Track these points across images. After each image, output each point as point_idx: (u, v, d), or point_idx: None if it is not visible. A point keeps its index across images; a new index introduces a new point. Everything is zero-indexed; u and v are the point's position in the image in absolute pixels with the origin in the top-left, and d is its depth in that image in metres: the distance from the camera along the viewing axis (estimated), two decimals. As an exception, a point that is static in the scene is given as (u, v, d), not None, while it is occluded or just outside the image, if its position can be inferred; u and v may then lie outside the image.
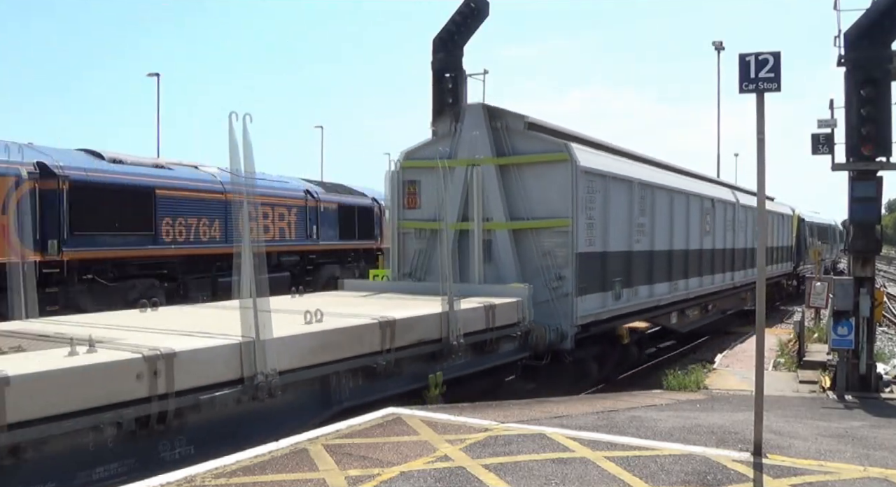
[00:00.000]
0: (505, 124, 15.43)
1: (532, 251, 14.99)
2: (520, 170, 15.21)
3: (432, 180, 14.82)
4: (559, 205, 14.77)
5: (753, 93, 8.26)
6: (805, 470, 7.46)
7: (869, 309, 13.94)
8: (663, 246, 18.85)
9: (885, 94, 13.65)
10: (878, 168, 13.85)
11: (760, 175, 8.38)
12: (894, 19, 13.52)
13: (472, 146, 15.39)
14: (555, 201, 14.82)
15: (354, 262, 28.55)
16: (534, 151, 15.12)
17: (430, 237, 16.06)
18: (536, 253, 14.91)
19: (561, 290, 14.58)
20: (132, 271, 19.46)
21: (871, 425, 10.65)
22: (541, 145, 15.15)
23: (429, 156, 15.77)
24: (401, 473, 6.89)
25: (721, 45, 45.99)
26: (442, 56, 20.82)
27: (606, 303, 15.99)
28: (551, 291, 14.58)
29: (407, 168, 16.48)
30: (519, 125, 15.41)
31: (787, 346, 19.83)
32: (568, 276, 14.62)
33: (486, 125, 15.43)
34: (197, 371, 7.62)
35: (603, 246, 15.73)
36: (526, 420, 9.33)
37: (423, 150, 16.41)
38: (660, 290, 18.80)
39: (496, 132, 15.44)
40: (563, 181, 14.74)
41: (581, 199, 14.79)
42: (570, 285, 14.58)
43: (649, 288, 18.16)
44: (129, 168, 19.92)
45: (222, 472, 6.79)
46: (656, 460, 7.59)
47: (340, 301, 12.43)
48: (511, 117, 15.48)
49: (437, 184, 13.84)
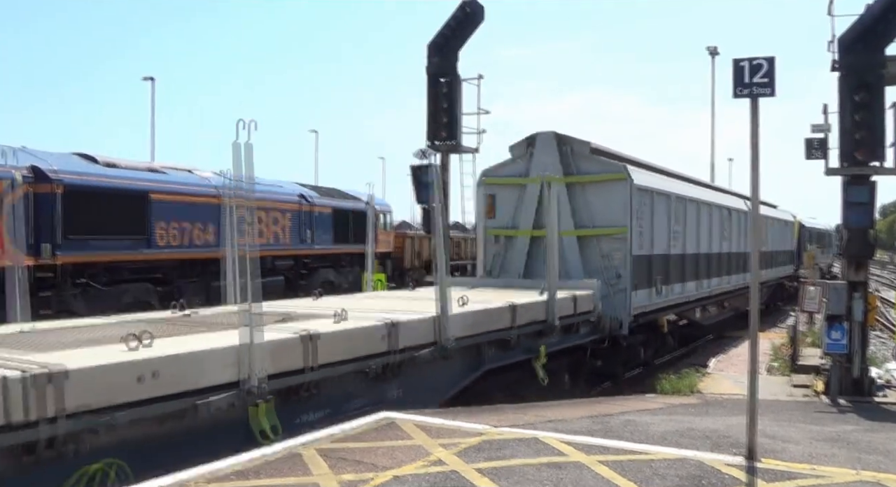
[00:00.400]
0: (571, 148, 18.22)
1: (594, 253, 17.79)
2: (583, 187, 18.03)
3: (506, 195, 18.48)
4: (618, 215, 17.59)
5: (748, 99, 8.29)
6: (798, 474, 7.47)
7: (862, 314, 13.99)
8: (692, 249, 21.84)
9: (878, 100, 13.69)
10: (872, 173, 13.89)
11: (754, 179, 8.40)
12: (888, 25, 13.57)
13: (543, 167, 17.73)
14: (614, 212, 17.61)
15: (349, 266, 28.56)
16: (596, 171, 17.97)
17: (504, 242, 18.83)
18: (597, 256, 17.73)
19: (619, 286, 17.36)
20: (126, 275, 19.46)
21: (864, 429, 10.68)
22: (603, 167, 18.05)
23: (505, 174, 18.81)
24: (394, 477, 6.89)
25: (716, 50, 46.19)
26: (437, 61, 20.87)
27: (651, 298, 18.71)
28: (610, 287, 17.29)
29: (487, 184, 19.05)
30: (584, 150, 18.27)
31: (781, 350, 19.89)
32: (624, 275, 17.44)
33: (556, 149, 18.16)
34: (409, 335, 10.70)
35: (650, 249, 18.62)
36: (520, 425, 9.32)
37: (499, 169, 19.09)
38: (689, 288, 21.76)
39: (564, 155, 18.13)
40: (621, 196, 17.55)
41: (635, 211, 17.63)
42: (626, 282, 17.39)
43: (682, 285, 21.06)
44: (123, 172, 19.92)
45: (215, 476, 6.78)
46: (650, 464, 7.59)
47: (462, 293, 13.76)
48: (577, 143, 18.27)
49: (512, 198, 18.26)
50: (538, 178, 17.57)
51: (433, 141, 21.28)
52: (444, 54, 21.01)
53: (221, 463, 7.09)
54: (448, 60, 21.07)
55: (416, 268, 35.45)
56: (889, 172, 13.96)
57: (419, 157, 21.84)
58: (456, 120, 21.21)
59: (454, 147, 21.45)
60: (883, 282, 57.91)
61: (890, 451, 8.91)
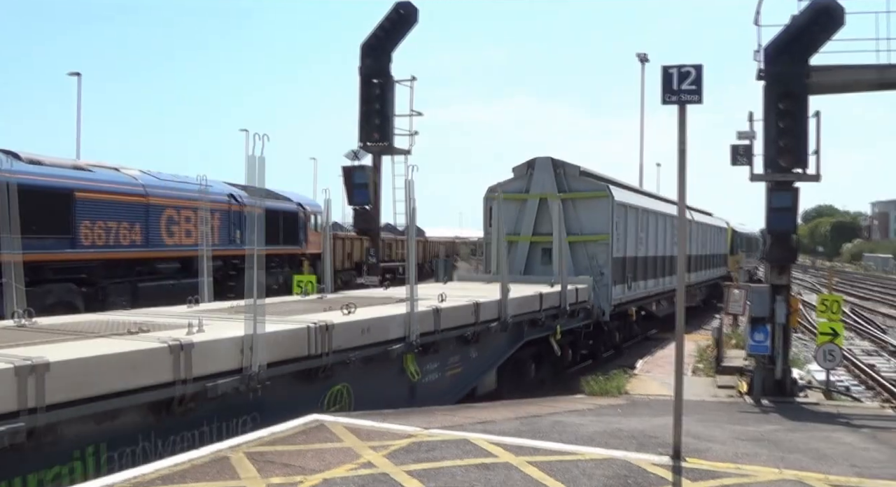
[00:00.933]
0: (564, 171, 21.78)
1: (583, 255, 21.45)
2: (574, 202, 21.61)
3: (508, 207, 20.86)
4: (601, 225, 21.38)
5: (676, 105, 8.41)
6: (723, 473, 7.61)
7: (785, 316, 14.32)
8: (652, 253, 25.58)
9: (802, 108, 14.03)
10: (795, 179, 14.23)
11: (681, 185, 8.54)
12: (812, 35, 13.91)
13: (542, 185, 21.64)
14: (598, 223, 21.39)
15: (279, 267, 28.24)
16: (584, 189, 21.74)
17: (508, 246, 20.61)
18: (585, 257, 21.40)
19: (602, 282, 21.00)
20: (49, 275, 18.92)
21: (786, 429, 10.94)
22: (589, 185, 21.90)
23: (507, 190, 21.40)
24: (323, 480, 6.83)
25: (646, 57, 46.88)
26: (370, 62, 20.84)
27: (625, 292, 22.67)
28: (596, 283, 20.76)
29: (492, 198, 21.21)
30: (575, 172, 21.93)
31: (706, 352, 20.29)
32: (606, 273, 21.15)
33: (552, 171, 21.68)
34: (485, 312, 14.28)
35: (624, 253, 22.40)
36: (450, 426, 9.33)
37: (503, 186, 21.61)
38: (650, 285, 25.46)
39: (558, 176, 21.67)
40: (604, 210, 21.39)
41: (615, 222, 21.49)
42: (608, 278, 21.12)
43: (644, 282, 24.74)
44: (47, 169, 19.39)
45: (140, 481, 6.64)
46: (578, 464, 7.66)
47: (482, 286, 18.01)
48: (569, 166, 21.93)
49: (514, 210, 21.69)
50: (537, 195, 21.67)
51: (366, 142, 21.23)
52: (377, 56, 20.98)
53: (146, 468, 6.95)
54: (381, 62, 21.05)
55: (346, 270, 35.23)
56: (811, 179, 14.30)
57: (351, 159, 21.85)
58: (388, 121, 21.20)
59: (386, 148, 21.43)
60: (805, 286, 59.35)
61: (811, 450, 9.14)
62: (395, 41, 21.21)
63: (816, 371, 16.71)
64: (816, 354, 15.45)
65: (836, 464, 8.36)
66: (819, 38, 13.97)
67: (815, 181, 14.40)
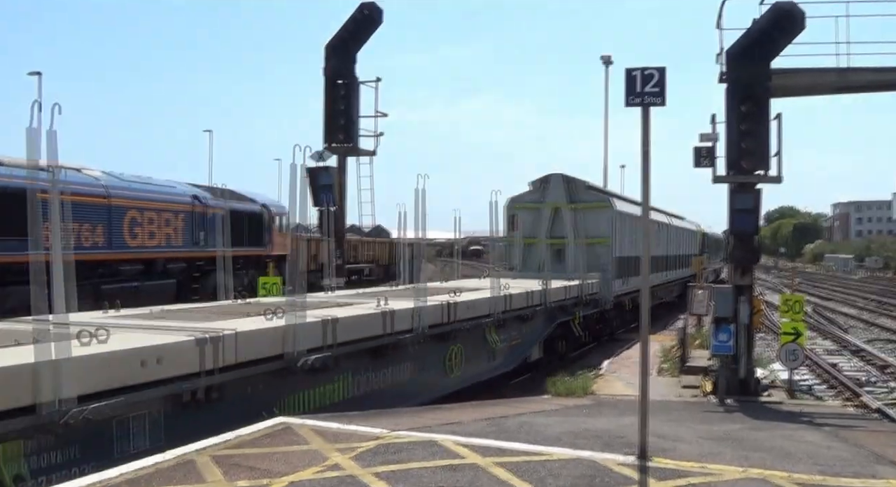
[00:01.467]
0: (574, 185, 26.06)
1: (590, 255, 24.97)
2: (583, 211, 25.68)
3: (525, 215, 25.66)
4: (605, 230, 25.57)
5: (639, 107, 8.46)
6: (688, 472, 7.67)
7: (748, 317, 14.44)
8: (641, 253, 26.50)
9: (763, 110, 14.16)
10: (757, 181, 14.35)
11: (645, 186, 8.60)
12: (773, 39, 14.03)
13: (555, 197, 25.75)
14: (602, 228, 25.55)
15: (243, 269, 28.00)
16: (590, 200, 26.09)
17: (525, 247, 25.78)
18: (591, 257, 24.97)
19: (605, 277, 24.87)
20: (8, 278, 18.64)
21: (749, 427, 11.04)
22: (595, 197, 26.60)
23: (525, 200, 26.18)
24: (290, 483, 6.79)
25: (609, 59, 47.09)
26: (334, 63, 20.72)
27: (622, 286, 26.50)
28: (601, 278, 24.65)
29: (515, 207, 25.97)
30: (582, 186, 26.42)
31: (671, 352, 20.42)
32: (609, 270, 25.17)
33: (563, 185, 25.86)
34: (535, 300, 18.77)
35: (621, 253, 26.31)
36: (417, 428, 9.32)
37: (521, 197, 26.36)
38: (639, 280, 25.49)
39: (569, 190, 25.86)
40: (607, 217, 25.76)
41: (615, 228, 25.72)
42: (610, 274, 25.07)
43: (635, 278, 26.48)
44: (6, 170, 19.12)
45: (106, 485, 6.57)
46: (545, 465, 7.68)
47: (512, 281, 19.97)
48: (578, 181, 26.39)
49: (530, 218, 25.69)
50: (551, 204, 25.80)
51: (330, 143, 21.12)
52: (342, 56, 20.87)
53: (112, 472, 6.87)
54: (345, 62, 20.94)
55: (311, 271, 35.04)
56: (773, 180, 14.44)
57: (316, 160, 21.73)
58: (353, 122, 21.10)
59: (351, 149, 21.33)
60: (768, 286, 60.04)
61: (774, 448, 9.24)
62: (359, 42, 21.11)
63: (780, 370, 16.89)
64: (779, 354, 15.62)
65: (799, 462, 8.45)
66: (780, 41, 14.09)
67: (776, 182, 14.53)
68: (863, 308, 42.85)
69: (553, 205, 25.73)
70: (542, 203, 25.85)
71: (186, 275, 25.20)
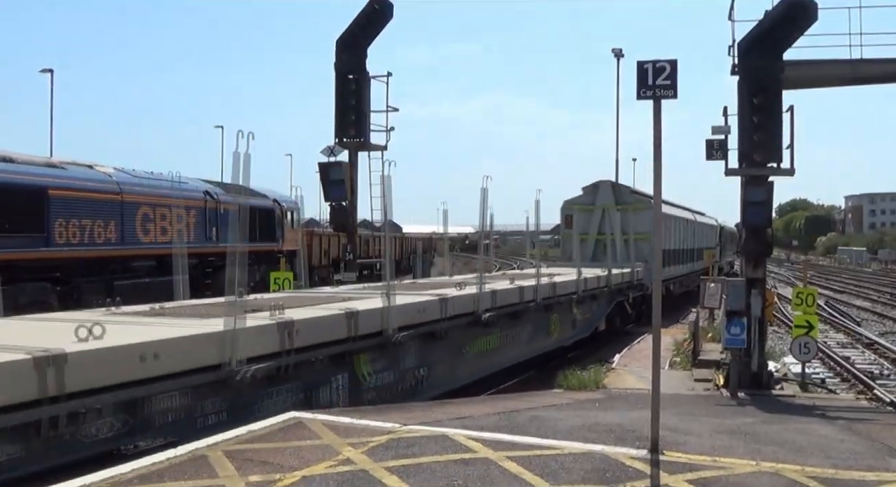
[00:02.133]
0: (620, 189, 31.56)
1: (633, 249, 28.97)
2: (627, 212, 30.03)
3: (579, 214, 28.72)
4: (646, 227, 27.83)
5: (651, 100, 8.44)
6: (700, 466, 7.66)
7: (760, 310, 14.37)
8: (675, 246, 34.82)
9: (776, 102, 14.08)
10: (769, 173, 14.28)
11: (657, 177, 8.57)
12: (785, 30, 13.96)
13: (603, 199, 30.53)
14: (644, 226, 28.44)
15: (255, 265, 28.05)
16: (634, 202, 30.62)
17: (579, 242, 27.22)
18: (635, 250, 28.93)
19: (646, 267, 27.76)
20: (22, 274, 18.73)
21: (762, 421, 11.01)
22: (637, 199, 30.87)
23: (579, 202, 30.72)
24: (302, 478, 6.81)
25: (621, 53, 46.95)
26: (345, 57, 20.70)
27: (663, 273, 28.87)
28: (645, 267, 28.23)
29: (570, 207, 30.32)
30: (627, 190, 32.07)
31: (683, 346, 20.37)
32: (650, 260, 25.25)
33: (611, 190, 31.02)
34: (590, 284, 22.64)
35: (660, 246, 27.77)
36: (428, 422, 9.33)
37: (576, 199, 31.06)
38: (672, 270, 33.68)
39: (616, 193, 30.96)
40: (648, 217, 26.81)
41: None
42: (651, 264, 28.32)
43: (668, 268, 31.91)
44: (20, 167, 19.20)
45: (118, 481, 6.60)
46: (557, 459, 7.68)
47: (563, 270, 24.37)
48: (623, 186, 32.54)
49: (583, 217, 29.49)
50: (601, 205, 30.48)
51: (342, 138, 21.13)
52: (353, 51, 20.85)
53: (124, 467, 6.91)
54: (357, 57, 20.92)
55: (323, 267, 35.11)
56: (785, 173, 14.37)
57: (327, 155, 21.75)
58: (364, 117, 21.09)
59: (363, 144, 21.33)
60: (781, 279, 59.87)
61: (787, 442, 9.21)
62: (370, 36, 21.09)
63: (792, 363, 16.84)
64: (792, 347, 15.56)
65: (812, 456, 8.43)
66: (792, 32, 14.01)
67: (789, 175, 14.46)
68: (876, 300, 42.71)
69: (602, 206, 30.57)
70: (593, 205, 30.71)
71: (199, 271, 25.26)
